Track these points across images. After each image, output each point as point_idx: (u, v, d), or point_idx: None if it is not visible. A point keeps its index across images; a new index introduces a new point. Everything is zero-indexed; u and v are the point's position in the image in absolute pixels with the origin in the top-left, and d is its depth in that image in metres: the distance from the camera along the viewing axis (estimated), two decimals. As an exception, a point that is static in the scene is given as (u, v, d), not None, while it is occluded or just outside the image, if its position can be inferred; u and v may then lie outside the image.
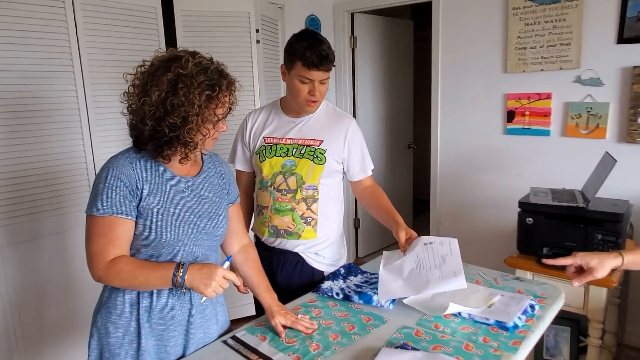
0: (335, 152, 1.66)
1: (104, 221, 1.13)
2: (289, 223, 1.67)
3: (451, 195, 3.20)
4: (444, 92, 3.12)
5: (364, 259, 4.13)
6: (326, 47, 1.51)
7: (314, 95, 1.55)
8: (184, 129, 1.13)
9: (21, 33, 1.97)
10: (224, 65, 1.23)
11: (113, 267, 1.12)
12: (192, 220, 1.24)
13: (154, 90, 1.10)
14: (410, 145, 4.40)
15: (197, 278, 1.13)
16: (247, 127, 1.72)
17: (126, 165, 1.16)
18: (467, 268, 1.79)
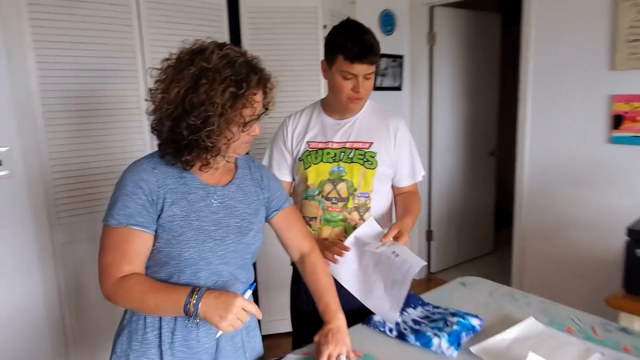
0: (387, 154, 1.53)
1: (117, 232, 1.01)
2: (340, 235, 1.53)
3: (539, 212, 2.79)
4: (534, 93, 2.72)
5: (437, 274, 3.81)
6: (370, 37, 1.38)
7: (358, 91, 1.41)
8: (204, 132, 0.99)
9: (86, 32, 1.97)
10: (257, 59, 1.06)
11: (122, 286, 1.00)
12: (219, 235, 1.09)
13: (174, 86, 0.98)
14: (494, 153, 3.98)
15: (212, 308, 0.96)
16: (288, 131, 1.57)
17: (147, 171, 1.05)
18: (556, 308, 1.48)
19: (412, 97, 3.47)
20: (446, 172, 3.70)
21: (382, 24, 3.15)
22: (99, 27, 2.00)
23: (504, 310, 1.49)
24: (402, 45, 3.35)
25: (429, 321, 1.38)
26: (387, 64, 3.22)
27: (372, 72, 1.42)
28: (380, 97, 3.25)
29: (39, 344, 1.98)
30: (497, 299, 1.57)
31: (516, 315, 1.45)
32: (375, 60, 1.40)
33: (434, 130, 3.55)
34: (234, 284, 1.14)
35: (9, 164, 1.85)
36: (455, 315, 1.36)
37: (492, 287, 1.67)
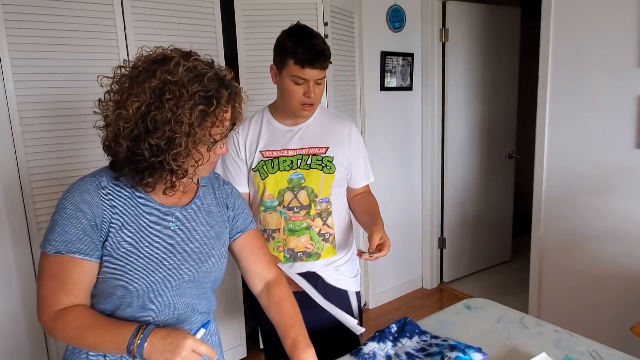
0: (343, 157, 1.52)
1: (55, 260, 0.90)
2: (306, 243, 1.52)
3: (559, 221, 2.57)
4: (554, 92, 2.50)
5: (450, 284, 3.61)
6: (320, 41, 1.35)
7: (309, 96, 1.38)
8: (169, 154, 0.87)
9: (65, 32, 1.87)
10: (226, 70, 0.95)
11: (60, 320, 0.89)
12: (173, 264, 0.96)
13: (133, 100, 0.86)
14: (512, 155, 3.76)
15: (158, 349, 0.84)
16: (239, 141, 1.50)
17: (91, 192, 0.92)
18: (573, 340, 1.29)
19: (423, 98, 3.28)
20: (460, 175, 3.50)
21: (390, 20, 2.97)
22: (79, 27, 1.88)
23: (513, 341, 1.31)
24: (412, 43, 3.16)
25: (424, 355, 1.22)
26: (396, 63, 3.04)
27: (323, 77, 1.39)
28: (390, 97, 3.08)
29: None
30: (505, 327, 1.40)
31: (526, 348, 1.27)
32: (326, 64, 1.37)
33: (446, 132, 3.35)
34: (191, 316, 1.02)
35: (-16, 173, 1.75)
36: (454, 348, 1.19)
37: (500, 312, 1.49)
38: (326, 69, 1.38)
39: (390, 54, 2.99)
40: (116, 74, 0.92)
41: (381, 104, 3.04)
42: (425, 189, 3.42)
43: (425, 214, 3.46)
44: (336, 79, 2.60)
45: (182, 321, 1.00)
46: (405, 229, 3.40)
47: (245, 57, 2.37)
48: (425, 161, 3.38)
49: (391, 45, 3.00)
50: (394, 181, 3.25)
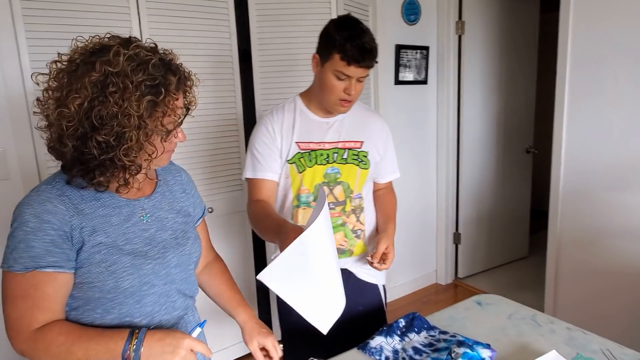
0: (376, 153, 1.51)
1: (25, 279, 0.84)
2: (341, 240, 1.48)
3: (577, 217, 2.52)
4: (572, 85, 2.45)
5: (465, 279, 3.58)
6: (370, 38, 1.30)
7: (349, 94, 1.34)
8: (120, 150, 0.83)
9: (82, 29, 1.89)
10: (173, 54, 0.91)
11: (41, 339, 0.84)
12: (156, 254, 0.96)
13: (74, 97, 0.80)
14: (530, 150, 3.69)
15: (156, 351, 0.83)
16: (274, 129, 1.43)
17: (52, 200, 0.86)
18: (586, 338, 1.27)
19: (438, 91, 3.24)
20: (476, 170, 3.46)
21: (405, 12, 2.93)
22: (96, 22, 1.91)
23: (524, 338, 1.30)
24: (428, 36, 3.12)
25: (431, 350, 1.21)
26: (410, 56, 3.01)
27: (366, 76, 1.35)
28: (404, 91, 3.05)
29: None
30: (516, 324, 1.38)
31: (537, 345, 1.26)
32: (373, 64, 1.33)
33: (462, 127, 3.31)
34: (183, 302, 1.04)
35: (4, 166, 1.80)
36: (462, 344, 1.18)
37: (512, 308, 1.47)
38: (372, 68, 1.34)
39: (405, 48, 2.95)
40: (52, 69, 0.86)
41: (396, 98, 3.02)
42: (440, 183, 3.39)
43: (440, 209, 3.43)
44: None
45: (176, 308, 1.01)
46: (419, 223, 3.38)
47: (259, 52, 2.37)
48: (440, 155, 3.34)
49: (406, 38, 2.97)
50: (409, 175, 3.23)
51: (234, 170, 2.41)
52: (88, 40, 0.86)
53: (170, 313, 1.00)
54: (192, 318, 1.09)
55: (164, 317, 0.98)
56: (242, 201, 2.47)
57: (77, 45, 0.86)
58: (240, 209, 2.47)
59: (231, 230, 2.47)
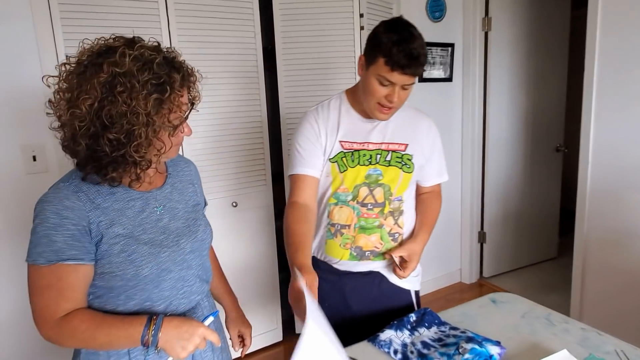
0: (422, 155, 1.45)
1: (49, 270, 0.90)
2: (376, 242, 1.43)
3: (604, 217, 2.46)
4: (600, 83, 2.38)
5: (490, 279, 3.54)
6: (419, 45, 1.22)
7: (391, 101, 1.27)
8: (130, 147, 0.88)
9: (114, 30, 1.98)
10: (175, 52, 0.95)
11: (66, 326, 0.90)
12: (171, 242, 1.02)
13: (84, 98, 0.84)
14: (559, 148, 3.60)
15: (173, 337, 0.89)
16: (319, 126, 1.39)
17: (70, 197, 0.91)
18: (600, 339, 1.26)
19: (463, 89, 3.21)
20: (502, 169, 3.41)
21: (429, 9, 2.92)
22: (127, 24, 2.00)
23: (536, 337, 1.30)
24: (453, 33, 3.10)
25: (440, 345, 1.23)
26: (435, 54, 3.00)
27: (412, 83, 1.28)
28: (429, 89, 3.04)
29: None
30: (530, 322, 1.38)
31: (548, 344, 1.26)
32: (419, 72, 1.25)
33: (488, 125, 3.27)
34: (200, 287, 1.10)
35: (43, 160, 1.92)
36: (471, 340, 1.20)
37: (526, 307, 1.47)
38: (418, 76, 1.27)
39: (429, 45, 2.94)
40: (62, 71, 0.90)
41: (420, 96, 3.01)
42: (465, 181, 3.36)
43: (465, 207, 3.41)
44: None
45: (193, 292, 1.07)
46: (443, 221, 3.35)
47: (283, 50, 2.43)
48: (465, 153, 3.31)
49: (431, 35, 2.96)
50: (433, 173, 3.22)
51: (259, 166, 2.48)
52: (94, 42, 0.91)
53: (187, 297, 1.05)
54: (207, 303, 1.15)
55: (181, 301, 1.04)
56: (266, 196, 2.54)
57: (84, 48, 0.90)
58: (264, 203, 2.54)
59: (255, 224, 2.54)
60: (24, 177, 1.89)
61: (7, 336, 1.93)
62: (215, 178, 2.35)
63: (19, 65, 1.84)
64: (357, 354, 1.25)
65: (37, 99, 1.88)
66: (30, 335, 1.96)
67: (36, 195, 1.93)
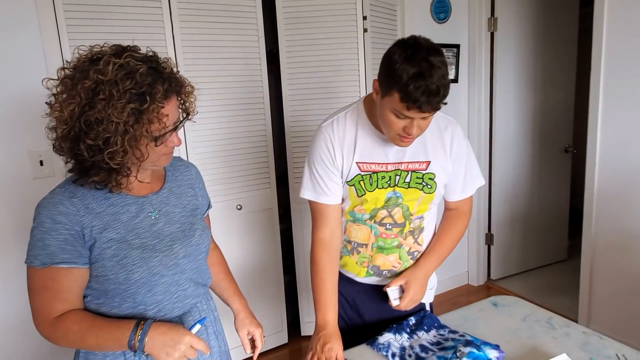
0: (444, 172, 1.33)
1: (43, 272, 0.93)
2: (394, 262, 1.39)
3: (612, 219, 2.43)
4: (607, 83, 2.36)
5: (497, 282, 3.51)
6: (439, 77, 1.04)
7: (410, 133, 1.15)
8: (105, 153, 0.88)
9: (119, 35, 2.01)
10: (168, 62, 0.95)
11: (59, 327, 0.93)
12: (164, 246, 1.02)
13: (69, 102, 0.87)
14: (568, 149, 3.56)
15: (159, 344, 0.91)
16: (334, 146, 1.28)
17: (64, 202, 0.93)
18: (601, 343, 1.25)
19: (469, 90, 3.19)
20: (509, 171, 3.38)
21: (434, 11, 2.92)
22: (132, 28, 2.03)
23: (536, 341, 1.29)
24: (458, 34, 3.08)
25: (438, 348, 1.23)
26: (440, 55, 2.98)
27: (433, 114, 1.14)
28: (433, 90, 3.03)
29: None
30: (530, 326, 1.37)
31: (548, 348, 1.25)
32: (440, 106, 1.11)
33: (495, 126, 3.24)
34: (195, 290, 1.10)
35: (50, 164, 1.96)
36: (470, 344, 1.20)
37: (528, 311, 1.46)
38: (438, 109, 1.13)
39: (434, 46, 2.93)
40: (60, 75, 0.92)
41: (425, 97, 3.00)
42: (472, 183, 3.33)
43: (472, 209, 3.37)
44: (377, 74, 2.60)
45: (188, 296, 1.08)
46: (450, 224, 3.34)
47: (287, 53, 2.44)
48: (471, 155, 3.29)
49: (435, 36, 2.90)
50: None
51: (263, 169, 2.49)
52: (89, 49, 0.92)
53: (181, 301, 1.06)
54: (205, 306, 1.15)
55: (175, 305, 1.05)
56: (271, 199, 2.55)
57: (80, 54, 0.92)
58: (268, 206, 2.55)
59: (259, 227, 2.55)
60: (31, 181, 1.93)
61: (20, 336, 1.97)
62: (220, 181, 2.37)
63: (26, 72, 1.88)
64: (355, 356, 1.25)
65: (44, 105, 1.92)
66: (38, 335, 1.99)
67: (43, 199, 1.97)
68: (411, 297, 1.30)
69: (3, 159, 1.88)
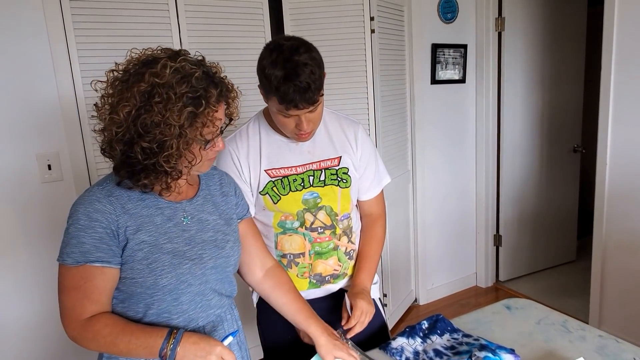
0: (354, 167, 1.36)
1: (77, 271, 0.92)
2: (334, 265, 1.38)
3: (623, 219, 2.40)
4: (618, 82, 2.33)
5: (506, 283, 3.49)
6: (307, 74, 1.10)
7: (301, 129, 1.19)
8: (161, 156, 0.89)
9: (126, 38, 2.01)
10: (217, 67, 0.96)
11: (89, 329, 0.92)
12: (194, 254, 1.01)
13: (124, 105, 0.87)
14: (577, 149, 3.53)
15: (190, 354, 0.90)
16: (240, 159, 1.30)
17: (101, 200, 0.93)
18: (618, 347, 1.23)
19: (477, 91, 3.17)
20: (517, 171, 3.35)
21: (441, 11, 2.90)
22: (139, 32, 2.03)
23: (551, 345, 1.27)
24: (466, 34, 3.06)
25: (452, 353, 1.21)
26: (448, 55, 2.97)
27: (318, 105, 1.17)
28: (442, 90, 3.02)
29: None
30: (545, 329, 1.35)
31: (564, 352, 1.23)
32: (316, 99, 1.14)
33: (502, 126, 3.22)
34: (219, 301, 1.09)
35: (58, 168, 1.96)
36: (484, 348, 1.18)
37: (542, 314, 1.44)
38: (317, 102, 1.16)
39: (441, 46, 2.92)
40: (109, 77, 0.92)
41: (432, 98, 2.99)
42: (480, 184, 3.32)
43: (480, 210, 3.36)
44: (384, 74, 2.59)
45: (212, 306, 1.06)
46: (458, 224, 3.32)
47: (293, 55, 2.43)
48: (479, 155, 3.27)
49: (443, 37, 2.93)
50: (447, 176, 3.18)
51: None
52: (141, 51, 0.93)
53: (205, 311, 1.05)
54: (230, 317, 1.13)
55: (200, 315, 1.03)
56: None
57: (132, 56, 0.93)
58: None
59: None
60: (39, 185, 1.93)
61: (31, 339, 1.97)
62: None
63: (34, 77, 1.88)
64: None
65: (53, 110, 1.92)
66: (53, 337, 1.99)
67: (51, 202, 1.98)
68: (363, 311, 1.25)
69: (11, 163, 1.88)
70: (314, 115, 1.20)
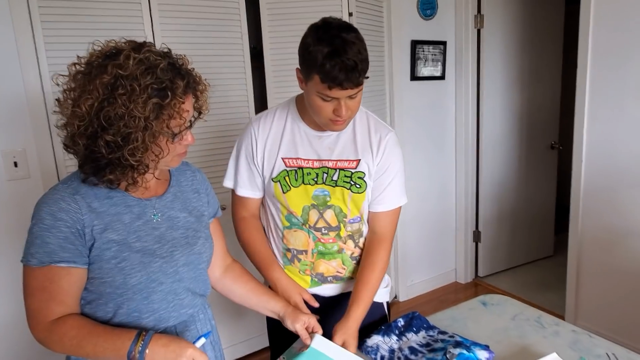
0: (371, 172, 1.29)
1: (41, 272, 0.88)
2: (338, 267, 1.35)
3: (599, 216, 2.44)
4: (594, 80, 2.36)
5: (485, 279, 3.52)
6: (355, 52, 1.06)
7: (340, 115, 1.14)
8: (126, 150, 0.86)
9: (97, 32, 1.94)
10: (184, 59, 0.93)
11: (55, 331, 0.89)
12: (165, 252, 0.98)
13: (86, 98, 0.84)
14: (554, 146, 3.58)
15: (159, 356, 0.87)
16: (257, 142, 1.28)
17: (66, 199, 0.90)
18: (591, 342, 1.23)
19: (456, 87, 3.18)
20: (496, 167, 3.38)
21: (421, 7, 2.89)
22: (110, 27, 1.97)
23: (526, 340, 1.27)
24: (445, 31, 3.07)
25: (428, 350, 1.20)
26: (427, 52, 2.97)
27: (359, 91, 1.14)
28: (421, 87, 3.02)
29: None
30: (520, 325, 1.35)
31: (538, 347, 1.23)
32: (360, 81, 1.10)
33: (482, 123, 3.24)
34: (192, 300, 1.05)
35: (25, 165, 1.89)
36: (459, 345, 1.17)
37: (517, 309, 1.44)
38: (361, 84, 1.12)
39: (421, 43, 2.91)
40: (71, 71, 0.90)
41: (412, 95, 2.98)
42: (459, 180, 3.33)
43: (460, 207, 3.38)
44: (363, 70, 2.57)
45: (184, 306, 1.03)
46: (437, 221, 3.33)
47: (271, 50, 2.39)
48: (459, 152, 3.29)
49: (422, 33, 2.93)
50: (426, 172, 3.19)
51: (247, 168, 2.44)
52: (104, 44, 0.90)
53: (177, 310, 1.02)
54: (203, 316, 1.11)
55: (171, 315, 1.00)
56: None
57: (94, 49, 0.90)
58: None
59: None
60: (5, 183, 1.86)
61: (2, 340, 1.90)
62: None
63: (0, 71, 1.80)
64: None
65: (19, 105, 1.85)
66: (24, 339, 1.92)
67: (18, 201, 1.91)
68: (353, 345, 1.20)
69: (-24, 160, 1.81)
70: (353, 103, 1.15)
